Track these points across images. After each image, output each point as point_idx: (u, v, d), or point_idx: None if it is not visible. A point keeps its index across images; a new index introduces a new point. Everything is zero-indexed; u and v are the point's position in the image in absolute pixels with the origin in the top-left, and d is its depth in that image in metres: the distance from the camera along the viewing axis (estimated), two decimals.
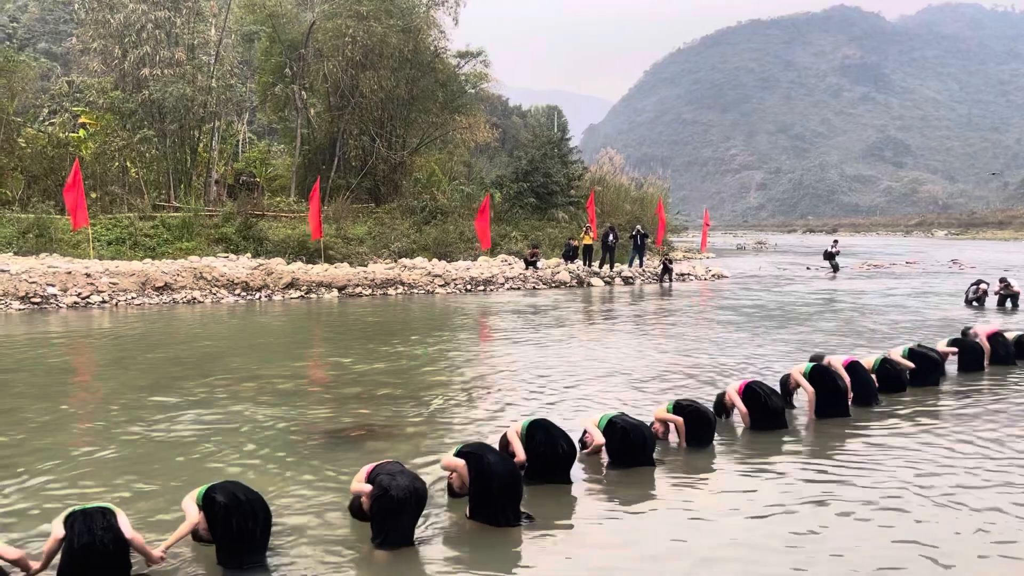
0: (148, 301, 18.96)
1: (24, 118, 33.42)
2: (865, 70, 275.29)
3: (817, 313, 17.89)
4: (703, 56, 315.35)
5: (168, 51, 30.51)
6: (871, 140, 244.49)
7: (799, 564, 4.72)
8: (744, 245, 68.65)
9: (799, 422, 8.01)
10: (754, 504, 5.71)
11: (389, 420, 8.12)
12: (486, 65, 38.98)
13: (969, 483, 6.07)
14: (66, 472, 6.40)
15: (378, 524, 4.94)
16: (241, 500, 4.75)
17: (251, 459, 6.75)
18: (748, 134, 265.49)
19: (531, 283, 24.84)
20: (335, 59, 33.51)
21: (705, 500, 5.82)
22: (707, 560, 4.79)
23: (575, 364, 11.25)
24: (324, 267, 23.65)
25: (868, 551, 4.88)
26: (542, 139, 42.04)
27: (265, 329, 16.01)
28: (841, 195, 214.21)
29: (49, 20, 66.05)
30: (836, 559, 4.78)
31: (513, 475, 5.40)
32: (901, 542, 5.03)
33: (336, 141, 34.47)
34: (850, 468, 6.50)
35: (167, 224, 26.19)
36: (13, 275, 18.41)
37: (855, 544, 4.98)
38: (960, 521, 5.34)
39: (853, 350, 11.58)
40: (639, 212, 41.03)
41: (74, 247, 23.20)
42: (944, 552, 4.86)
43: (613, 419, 6.63)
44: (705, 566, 4.72)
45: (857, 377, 8.55)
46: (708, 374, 10.45)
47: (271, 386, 9.68)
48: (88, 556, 4.24)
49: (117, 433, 7.55)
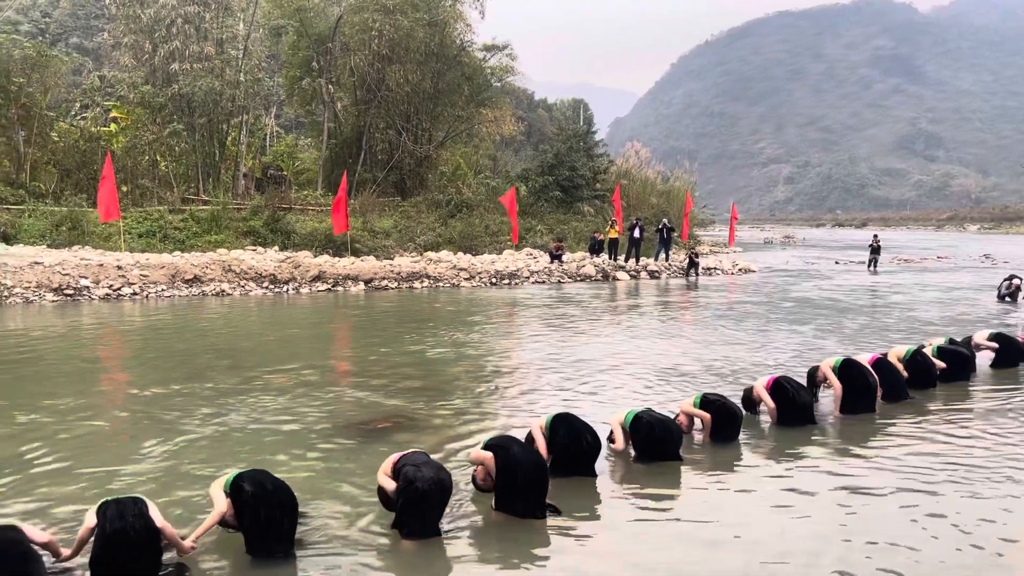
0: (178, 293, 19.20)
1: (57, 112, 33.91)
2: (897, 61, 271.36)
3: (846, 307, 17.69)
4: (731, 48, 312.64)
5: (197, 46, 30.78)
6: (902, 133, 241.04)
7: (827, 559, 4.68)
8: (771, 239, 68.04)
9: (826, 417, 7.94)
10: (781, 499, 5.67)
11: (415, 412, 8.16)
12: (512, 58, 38.95)
13: (998, 477, 5.99)
14: (84, 463, 6.50)
15: (404, 515, 4.98)
16: (268, 489, 4.79)
17: (278, 449, 6.82)
18: (776, 127, 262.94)
19: (556, 277, 24.82)
20: (362, 53, 33.65)
21: (731, 495, 5.79)
22: (733, 554, 4.77)
23: (600, 358, 11.23)
24: (351, 260, 23.80)
25: (901, 547, 4.83)
26: (568, 132, 41.96)
27: (293, 321, 16.14)
28: (871, 189, 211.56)
29: (81, 15, 66.98)
30: (867, 555, 4.73)
31: (539, 467, 5.40)
32: (935, 539, 4.97)
33: (362, 135, 34.63)
34: (878, 464, 6.43)
35: (196, 217, 26.50)
36: (47, 267, 18.73)
37: (885, 540, 4.93)
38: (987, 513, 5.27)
39: (885, 346, 11.44)
40: (665, 206, 40.82)
41: (106, 240, 23.55)
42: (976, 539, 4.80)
43: (639, 414, 6.62)
44: (731, 561, 4.69)
45: (885, 373, 8.45)
46: (734, 369, 10.38)
47: (298, 377, 9.77)
48: (120, 542, 4.30)
49: (146, 424, 7.67)
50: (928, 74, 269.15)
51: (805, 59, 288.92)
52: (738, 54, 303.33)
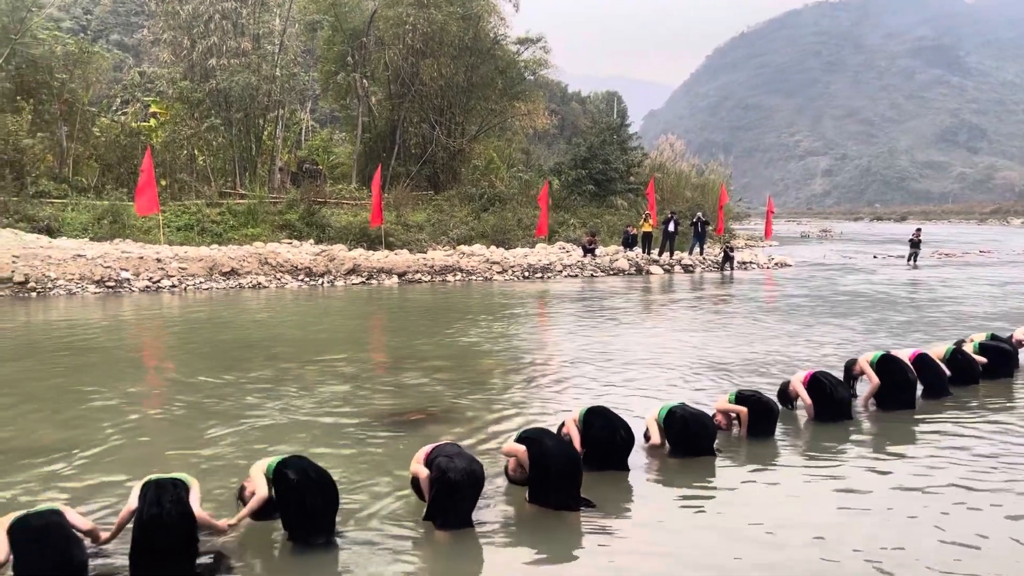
0: (215, 286, 19.48)
1: (98, 108, 34.55)
2: (939, 52, 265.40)
3: (885, 302, 17.41)
4: (767, 40, 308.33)
5: (234, 41, 31.13)
6: (944, 125, 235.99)
7: (861, 556, 4.61)
8: (808, 233, 67.10)
9: (864, 413, 7.82)
10: (817, 495, 5.60)
11: (448, 404, 8.19)
12: (546, 51, 38.78)
13: None
14: (126, 450, 6.63)
15: (437, 506, 5.00)
16: (312, 477, 4.84)
17: (312, 440, 6.89)
18: (813, 119, 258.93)
19: (589, 271, 24.74)
20: (396, 47, 33.79)
21: (766, 491, 5.73)
22: (768, 551, 4.71)
23: (633, 351, 11.18)
24: (384, 254, 23.95)
25: (938, 547, 4.75)
26: (601, 125, 41.77)
27: (327, 314, 16.29)
28: (911, 182, 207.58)
29: (121, 12, 68.10)
30: (901, 553, 4.65)
31: (572, 460, 5.39)
32: (979, 537, 4.88)
33: (396, 129, 34.80)
34: (916, 460, 6.32)
35: (233, 211, 26.84)
36: (89, 260, 19.11)
37: (922, 540, 4.85)
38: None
39: (925, 342, 11.24)
40: (700, 199, 40.49)
41: (145, 233, 23.95)
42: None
43: (673, 408, 6.57)
44: (765, 557, 4.65)
45: (926, 369, 8.30)
46: (770, 364, 10.26)
47: (333, 369, 9.87)
48: (155, 528, 4.35)
49: (184, 414, 7.79)
50: (971, 65, 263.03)
51: (843, 50, 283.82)
52: (774, 45, 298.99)
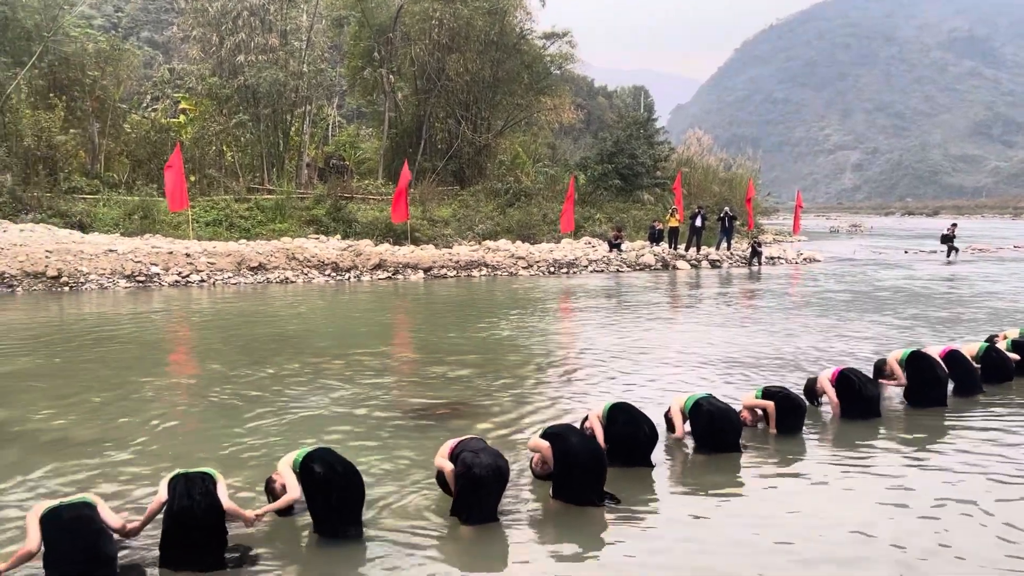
0: (243, 280, 19.67)
1: (129, 105, 34.97)
2: (973, 43, 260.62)
3: (914, 298, 17.15)
4: (797, 32, 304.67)
5: (262, 37, 31.34)
6: (978, 117, 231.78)
7: (889, 558, 4.55)
8: (838, 228, 66.34)
9: (894, 411, 7.71)
10: (844, 493, 5.53)
11: (474, 399, 8.21)
12: (572, 46, 38.58)
13: None
14: (158, 443, 6.72)
15: (462, 500, 5.01)
16: (339, 471, 4.87)
17: (338, 433, 6.94)
18: (843, 113, 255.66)
19: (615, 266, 24.64)
20: (422, 42, 33.82)
21: (791, 487, 5.68)
22: (792, 549, 4.67)
23: (658, 347, 11.13)
24: (410, 249, 24.03)
25: (965, 547, 4.67)
26: (628, 120, 41.51)
27: (354, 308, 16.39)
28: (944, 176, 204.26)
29: (151, 10, 68.86)
30: (928, 556, 4.58)
31: (597, 456, 5.37)
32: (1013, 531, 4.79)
33: (422, 124, 34.85)
34: (945, 459, 6.23)
35: (261, 206, 27.08)
36: (120, 255, 19.37)
37: (949, 540, 4.77)
38: None
39: (957, 338, 11.06)
40: (727, 194, 40.12)
41: (175, 228, 24.23)
42: None
43: (699, 400, 6.53)
44: (791, 555, 4.60)
45: (957, 366, 8.17)
46: (797, 360, 10.16)
47: (359, 363, 9.92)
48: (185, 520, 4.42)
49: (213, 407, 7.88)
50: (1006, 56, 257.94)
51: (875, 42, 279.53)
52: (803, 38, 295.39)
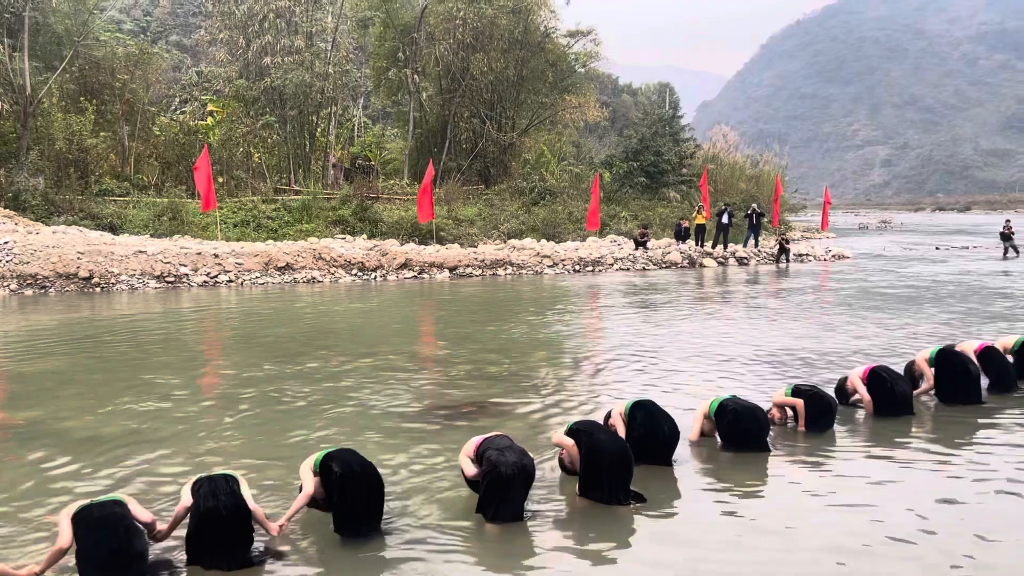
0: (271, 280, 19.84)
1: (158, 107, 35.43)
2: (1004, 36, 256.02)
3: (942, 295, 16.87)
4: (824, 27, 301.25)
5: (288, 39, 31.62)
6: (1010, 111, 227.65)
7: (919, 562, 4.47)
8: (867, 224, 65.52)
9: (927, 408, 7.59)
10: (876, 492, 5.44)
11: (500, 397, 8.20)
12: (596, 43, 38.52)
13: None
14: (190, 442, 6.78)
15: (488, 499, 5.01)
16: (356, 471, 4.87)
17: (364, 431, 6.97)
18: (872, 108, 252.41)
19: (641, 264, 24.53)
20: (446, 42, 33.92)
21: (820, 486, 5.58)
22: (821, 548, 4.60)
23: (685, 345, 11.05)
24: (436, 248, 24.09)
25: (996, 550, 4.58)
26: (653, 117, 41.35)
27: (380, 307, 16.46)
28: (976, 171, 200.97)
29: (179, 13, 69.72)
30: (959, 560, 4.50)
31: (623, 454, 5.34)
32: None
33: (447, 124, 34.94)
34: (978, 457, 6.11)
35: (288, 207, 27.30)
36: (150, 256, 19.62)
37: (984, 542, 4.68)
38: None
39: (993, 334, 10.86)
40: (754, 190, 39.84)
41: (203, 229, 24.50)
42: None
43: (724, 402, 6.48)
44: (818, 553, 4.53)
45: (992, 363, 8.02)
46: (827, 358, 10.03)
47: (386, 362, 9.96)
48: (212, 520, 4.45)
49: (241, 405, 7.94)
50: None
51: (904, 36, 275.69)
52: (831, 33, 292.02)
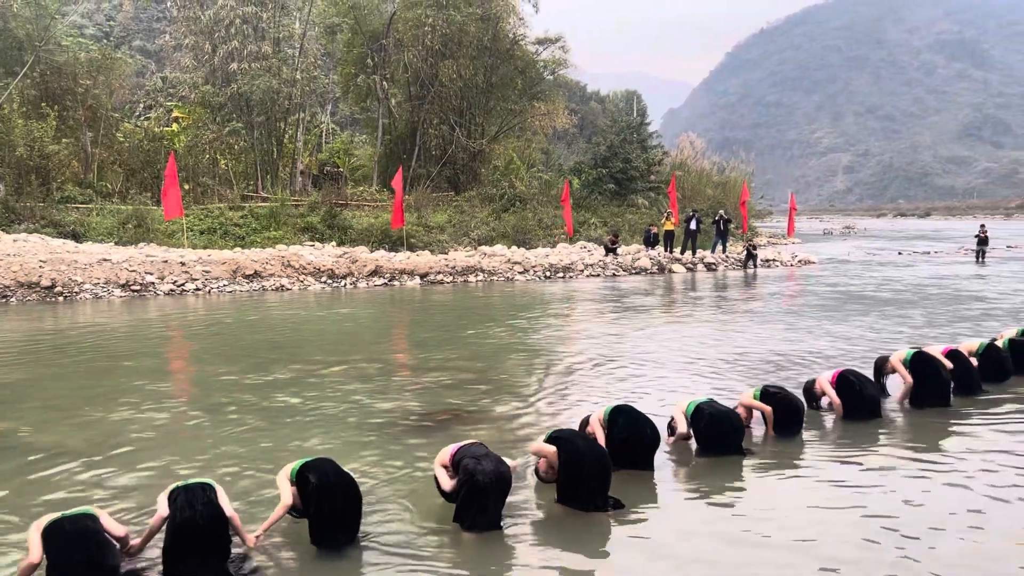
0: (239, 288, 19.62)
1: (121, 114, 34.96)
2: (961, 46, 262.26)
3: (909, 299, 17.19)
4: (788, 36, 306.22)
5: (255, 45, 31.38)
6: (967, 119, 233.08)
7: (889, 560, 4.54)
8: (831, 230, 66.59)
9: (895, 411, 7.71)
10: (845, 496, 5.50)
11: (474, 404, 8.18)
12: (565, 51, 38.76)
13: None
14: (160, 452, 6.66)
15: (465, 508, 4.97)
16: (333, 481, 4.82)
17: (338, 441, 6.90)
18: (834, 116, 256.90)
19: (611, 270, 24.66)
20: (415, 49, 33.87)
21: (793, 490, 5.64)
22: (795, 551, 4.65)
23: (657, 350, 11.11)
24: (406, 255, 24.01)
25: (970, 553, 4.66)
26: (621, 124, 41.66)
27: (351, 315, 16.35)
28: (935, 177, 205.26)
29: (143, 18, 68.81)
30: (929, 558, 4.57)
31: (602, 460, 5.35)
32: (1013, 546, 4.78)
33: (416, 130, 34.88)
34: (949, 460, 6.21)
35: (255, 214, 27.04)
36: (115, 264, 19.31)
37: (952, 544, 4.75)
38: None
39: (955, 338, 11.07)
40: (721, 197, 40.29)
41: (169, 237, 24.18)
42: None
43: (701, 405, 6.52)
44: (793, 557, 4.58)
45: (958, 365, 8.17)
46: (795, 361, 10.16)
47: (358, 370, 9.89)
48: (190, 531, 4.38)
49: (209, 416, 7.83)
50: (994, 58, 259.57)
51: (865, 45, 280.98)
52: (795, 42, 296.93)
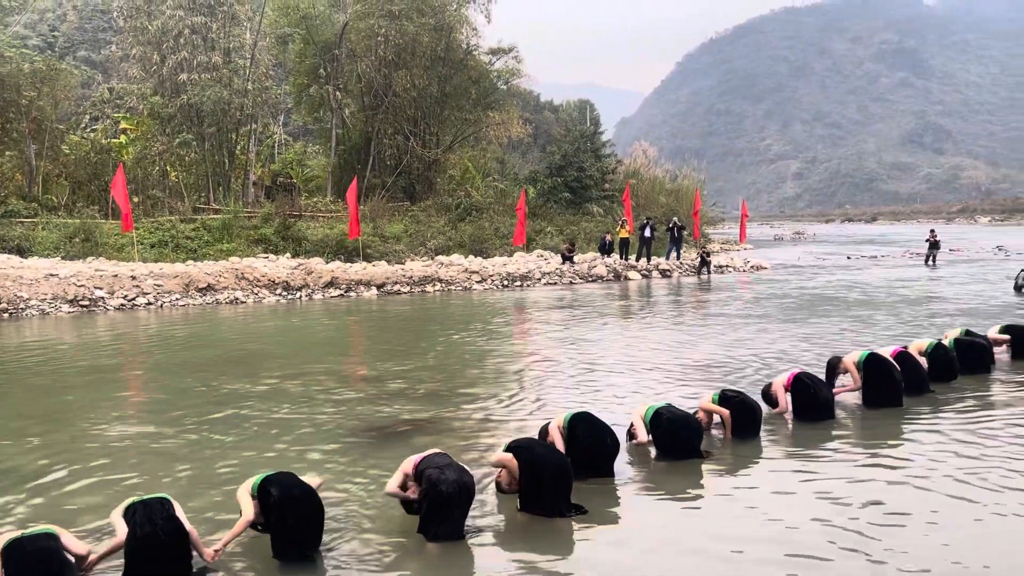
0: (192, 302, 19.29)
1: (67, 125, 34.18)
2: (903, 55, 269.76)
3: (860, 302, 17.61)
4: (736, 46, 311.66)
5: (205, 56, 30.96)
6: (910, 127, 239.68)
7: (847, 559, 4.65)
8: (782, 236, 67.84)
9: (848, 412, 7.89)
10: (802, 497, 5.62)
11: (434, 414, 8.16)
12: (518, 61, 38.98)
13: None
14: (114, 470, 6.53)
15: (428, 518, 4.96)
16: (295, 494, 4.78)
17: (298, 454, 6.83)
18: (783, 123, 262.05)
19: (568, 278, 24.81)
20: (368, 59, 33.75)
21: (752, 493, 5.75)
22: (753, 553, 4.73)
23: (615, 357, 11.22)
24: (362, 266, 23.86)
25: (925, 549, 4.79)
26: (575, 133, 42.00)
27: (307, 327, 16.19)
28: (880, 183, 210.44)
29: (88, 29, 67.37)
30: (890, 555, 4.68)
31: (563, 467, 5.39)
32: (963, 540, 4.93)
33: (371, 140, 34.72)
34: (901, 459, 6.38)
35: (207, 226, 26.63)
36: (62, 279, 18.84)
37: (908, 540, 4.88)
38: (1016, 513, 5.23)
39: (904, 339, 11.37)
40: (675, 204, 40.83)
41: (119, 251, 23.68)
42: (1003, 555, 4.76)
43: (660, 410, 6.60)
44: (751, 559, 4.66)
45: (907, 366, 8.40)
46: (752, 365, 10.34)
47: (316, 383, 9.80)
48: (150, 546, 4.30)
49: (165, 431, 7.69)
50: (935, 67, 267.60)
51: (810, 55, 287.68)
52: (742, 52, 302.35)
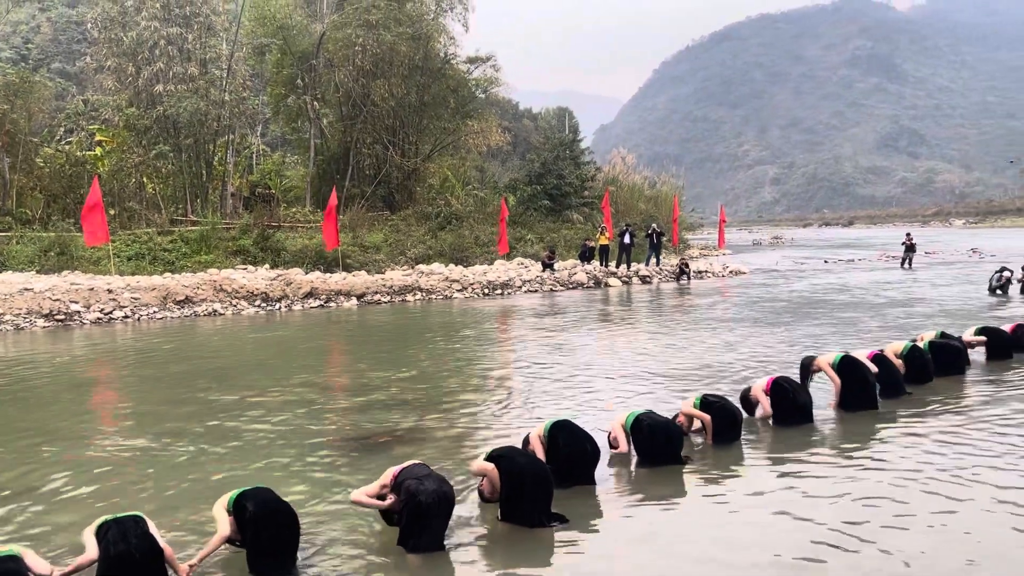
0: (170, 315, 19.11)
1: (41, 138, 33.81)
2: (876, 61, 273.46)
3: (840, 305, 17.76)
4: (712, 52, 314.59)
5: (181, 67, 30.74)
6: (885, 131, 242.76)
7: (829, 562, 4.67)
8: (760, 241, 68.36)
9: (826, 415, 7.94)
10: (783, 501, 5.65)
11: (414, 425, 8.13)
12: (496, 69, 39.01)
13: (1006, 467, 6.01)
14: (89, 487, 6.45)
15: (408, 529, 4.94)
16: (272, 509, 4.75)
17: (277, 466, 6.78)
18: (760, 129, 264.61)
19: (548, 285, 24.84)
20: (346, 69, 33.67)
21: (734, 498, 5.77)
22: (736, 558, 4.75)
23: (597, 364, 11.24)
24: (342, 276, 23.73)
25: (907, 551, 4.83)
26: (554, 141, 42.16)
27: (287, 339, 16.09)
28: (856, 187, 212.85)
29: (62, 40, 66.72)
30: (872, 559, 4.72)
31: (544, 475, 5.38)
32: (952, 542, 4.97)
33: (349, 150, 34.60)
34: (881, 462, 6.43)
35: (185, 238, 26.41)
36: (37, 293, 18.61)
37: (893, 543, 4.92)
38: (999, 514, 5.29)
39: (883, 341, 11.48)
40: (654, 211, 41.05)
41: (95, 264, 23.42)
42: (984, 552, 4.81)
43: (640, 417, 6.61)
44: (734, 564, 4.68)
45: (883, 368, 8.48)
46: (732, 370, 10.39)
47: (295, 394, 9.73)
48: (124, 565, 4.24)
49: (143, 446, 7.61)
50: (907, 72, 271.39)
51: (785, 61, 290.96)
52: (719, 58, 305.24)
